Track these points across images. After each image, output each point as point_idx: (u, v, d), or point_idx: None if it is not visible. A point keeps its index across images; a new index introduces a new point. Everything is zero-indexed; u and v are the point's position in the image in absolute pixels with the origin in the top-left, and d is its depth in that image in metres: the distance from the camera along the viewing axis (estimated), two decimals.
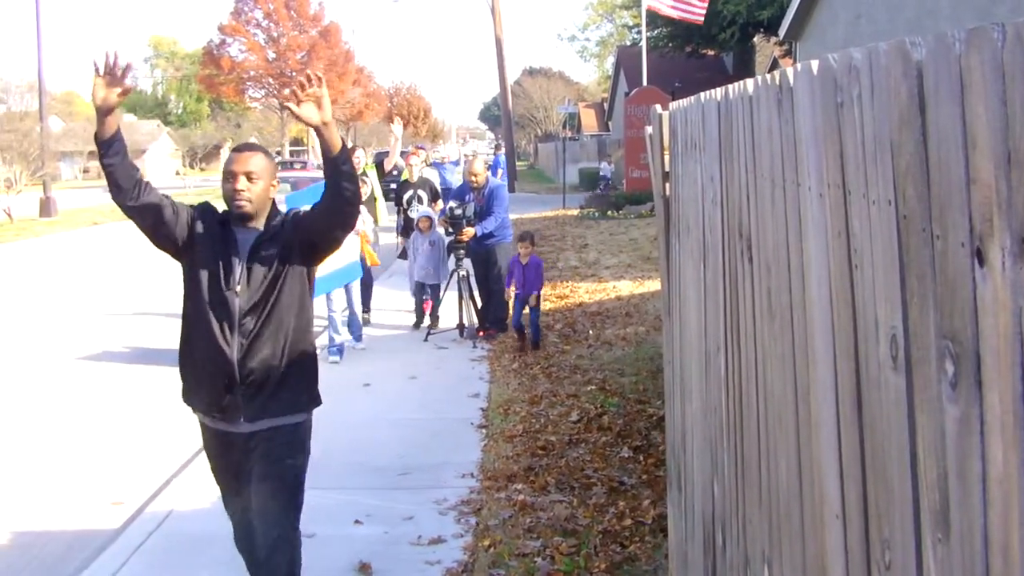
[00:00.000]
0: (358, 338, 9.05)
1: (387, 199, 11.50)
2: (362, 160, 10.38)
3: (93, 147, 3.44)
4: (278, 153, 62.62)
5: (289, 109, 3.32)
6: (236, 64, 53.72)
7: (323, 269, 7.68)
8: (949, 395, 1.09)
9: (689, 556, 3.33)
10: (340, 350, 8.58)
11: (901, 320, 1.24)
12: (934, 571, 1.16)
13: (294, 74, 53.04)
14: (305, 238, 3.42)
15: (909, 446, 1.23)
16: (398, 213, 11.00)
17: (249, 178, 3.39)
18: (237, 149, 3.52)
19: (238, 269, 3.37)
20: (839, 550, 1.56)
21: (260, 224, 3.45)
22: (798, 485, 1.80)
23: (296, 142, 69.21)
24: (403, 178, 11.18)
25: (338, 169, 3.26)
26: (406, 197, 10.81)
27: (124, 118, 64.73)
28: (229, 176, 3.41)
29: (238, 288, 3.35)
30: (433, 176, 11.88)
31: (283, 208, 3.75)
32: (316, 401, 3.59)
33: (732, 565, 2.50)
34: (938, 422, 1.13)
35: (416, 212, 10.35)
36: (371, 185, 9.98)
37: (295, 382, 3.47)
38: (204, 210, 3.52)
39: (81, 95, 76.02)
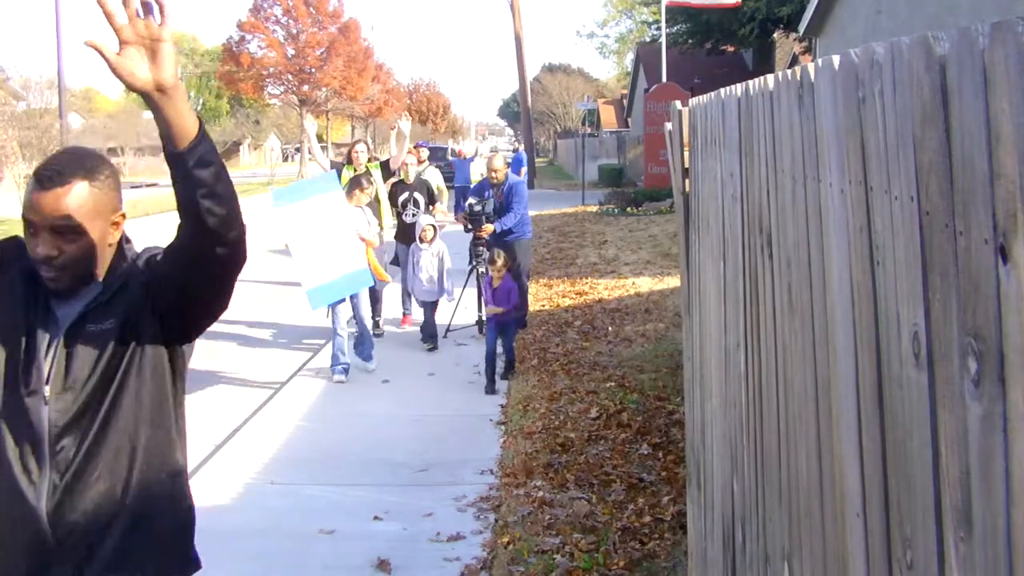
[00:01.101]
0: (368, 358, 8.04)
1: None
2: (363, 156, 9.71)
3: (113, 144, 3.05)
4: (296, 150, 62.43)
5: (103, 56, 1.74)
6: (255, 61, 53.85)
7: (324, 276, 7.38)
8: (972, 392, 1.08)
9: (708, 553, 3.32)
10: (346, 369, 7.76)
11: (923, 317, 1.23)
12: (956, 570, 1.16)
13: (313, 71, 53.16)
14: (163, 300, 2.03)
15: (931, 443, 1.22)
16: (393, 216, 10.22)
17: (60, 233, 1.94)
18: (39, 177, 1.94)
19: (47, 358, 1.98)
20: (860, 548, 1.55)
21: (96, 280, 2.06)
22: (819, 482, 1.79)
23: (317, 139, 69.03)
24: (397, 179, 10.65)
25: (190, 175, 1.81)
26: (401, 199, 10.16)
27: (142, 115, 65.01)
28: (28, 228, 1.96)
29: (47, 391, 1.97)
30: (434, 176, 11.06)
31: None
32: (190, 568, 2.29)
33: (752, 562, 2.49)
34: (961, 419, 1.12)
35: (411, 217, 9.65)
36: (376, 186, 9.12)
37: (153, 544, 2.13)
38: (6, 252, 2.08)
39: (101, 91, 76.64)
